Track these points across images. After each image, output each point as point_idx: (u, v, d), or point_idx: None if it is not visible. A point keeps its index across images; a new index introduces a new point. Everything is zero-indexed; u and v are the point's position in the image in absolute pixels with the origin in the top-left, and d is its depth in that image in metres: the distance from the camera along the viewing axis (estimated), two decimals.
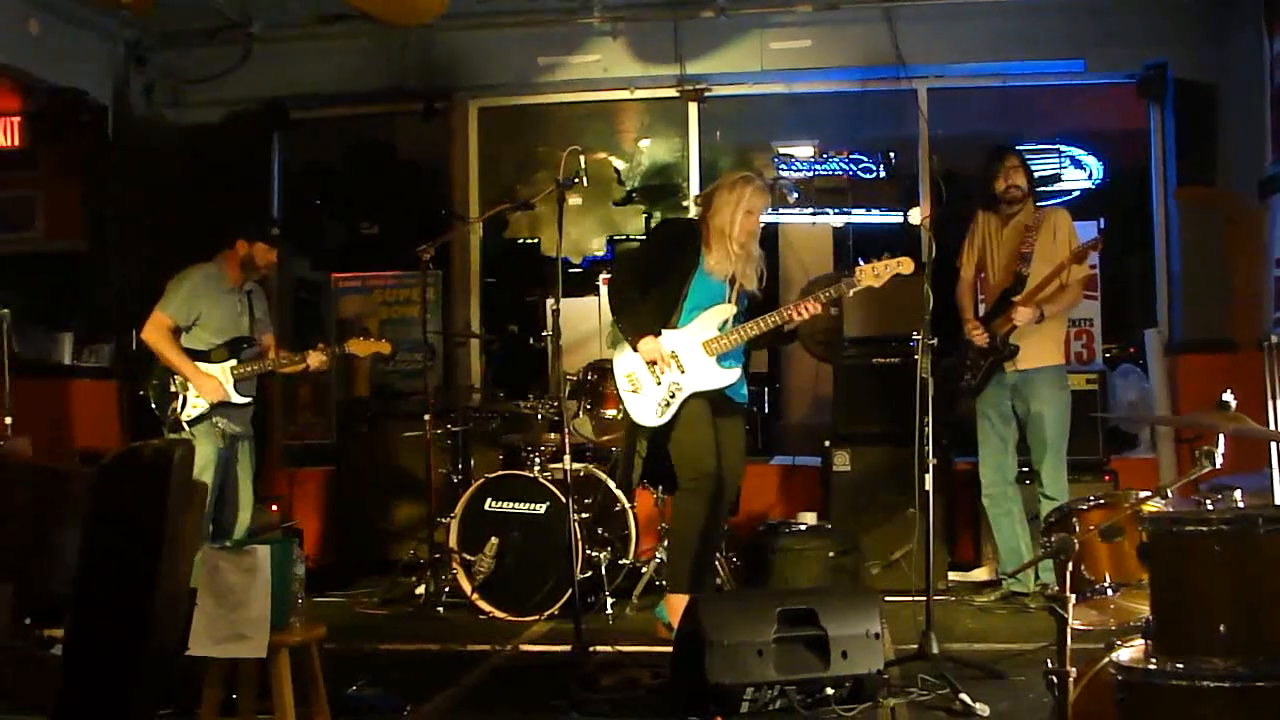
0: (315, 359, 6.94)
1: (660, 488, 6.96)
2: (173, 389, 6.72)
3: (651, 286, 6.29)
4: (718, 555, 7.03)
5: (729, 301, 6.25)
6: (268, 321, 7.18)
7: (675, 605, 6.15)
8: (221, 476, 6.73)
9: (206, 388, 6.69)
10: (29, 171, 9.41)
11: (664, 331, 6.20)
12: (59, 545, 3.20)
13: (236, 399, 6.78)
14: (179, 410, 6.68)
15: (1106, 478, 7.51)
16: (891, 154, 10.42)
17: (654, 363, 6.16)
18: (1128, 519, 3.67)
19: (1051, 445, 6.80)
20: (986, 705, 4.68)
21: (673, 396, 6.16)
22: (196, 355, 6.75)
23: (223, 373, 6.77)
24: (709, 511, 6.18)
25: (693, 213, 7.52)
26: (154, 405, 6.76)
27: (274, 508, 8.11)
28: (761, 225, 6.35)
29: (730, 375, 6.21)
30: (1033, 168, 7.22)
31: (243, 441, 6.89)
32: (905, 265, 5.99)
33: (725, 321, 6.21)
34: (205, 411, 6.70)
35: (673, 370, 6.16)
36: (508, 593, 6.81)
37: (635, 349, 6.20)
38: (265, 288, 7.33)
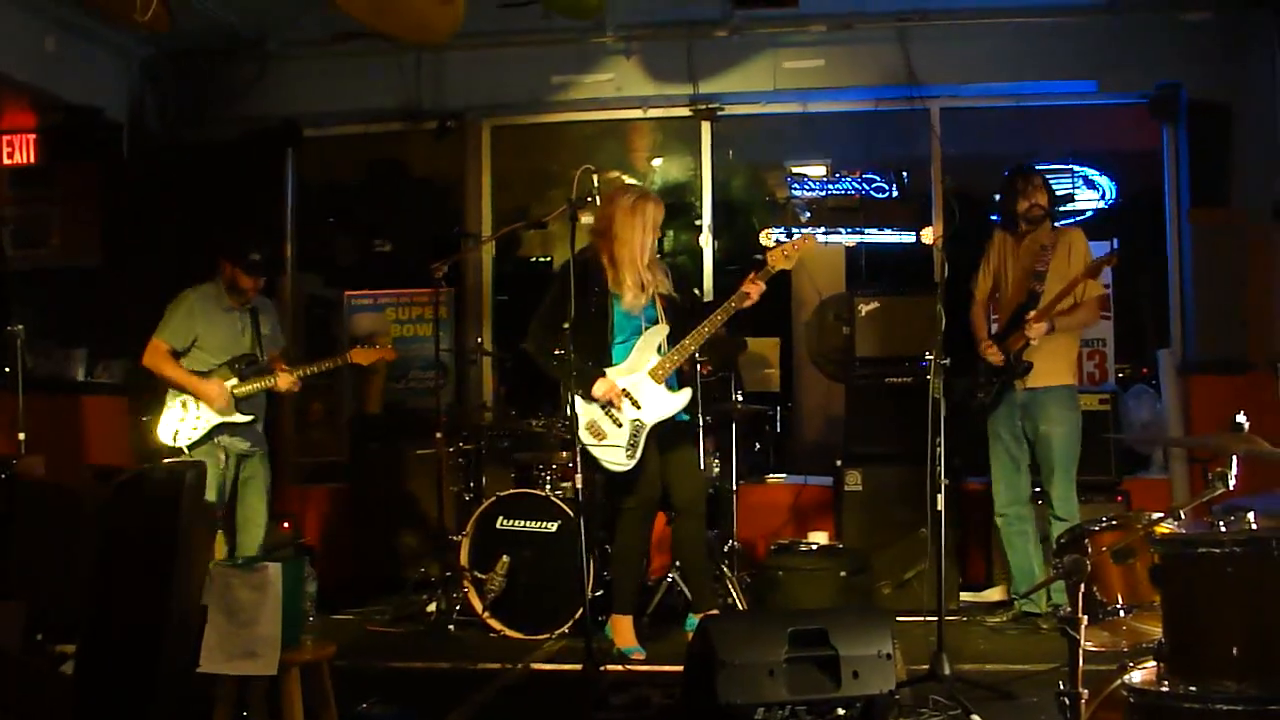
0: (284, 381, 6.84)
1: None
2: (174, 412, 6.69)
3: (574, 333, 5.91)
4: (728, 574, 7.05)
5: (659, 321, 6.25)
6: (277, 337, 7.15)
7: (619, 625, 6.29)
8: (230, 495, 6.73)
9: (213, 394, 6.66)
10: (45, 189, 9.43)
11: (606, 372, 6.20)
12: (71, 563, 3.21)
13: (239, 418, 6.74)
14: (180, 435, 6.64)
15: (1119, 498, 7.49)
16: (904, 174, 10.42)
17: (610, 405, 6.16)
18: (1140, 540, 3.66)
19: (1060, 466, 6.78)
20: None
21: (637, 434, 6.18)
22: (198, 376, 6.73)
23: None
24: (648, 534, 6.44)
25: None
26: (157, 430, 6.72)
27: (286, 525, 8.12)
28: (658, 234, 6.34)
29: (682, 398, 6.27)
30: None
31: (253, 458, 6.86)
32: (809, 240, 6.17)
33: (661, 344, 6.23)
34: (206, 435, 6.66)
35: (629, 407, 6.17)
36: (519, 611, 6.80)
37: (588, 398, 6.15)
38: (281, 304, 7.29)
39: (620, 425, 6.18)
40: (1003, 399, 6.89)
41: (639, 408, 6.17)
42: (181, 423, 6.67)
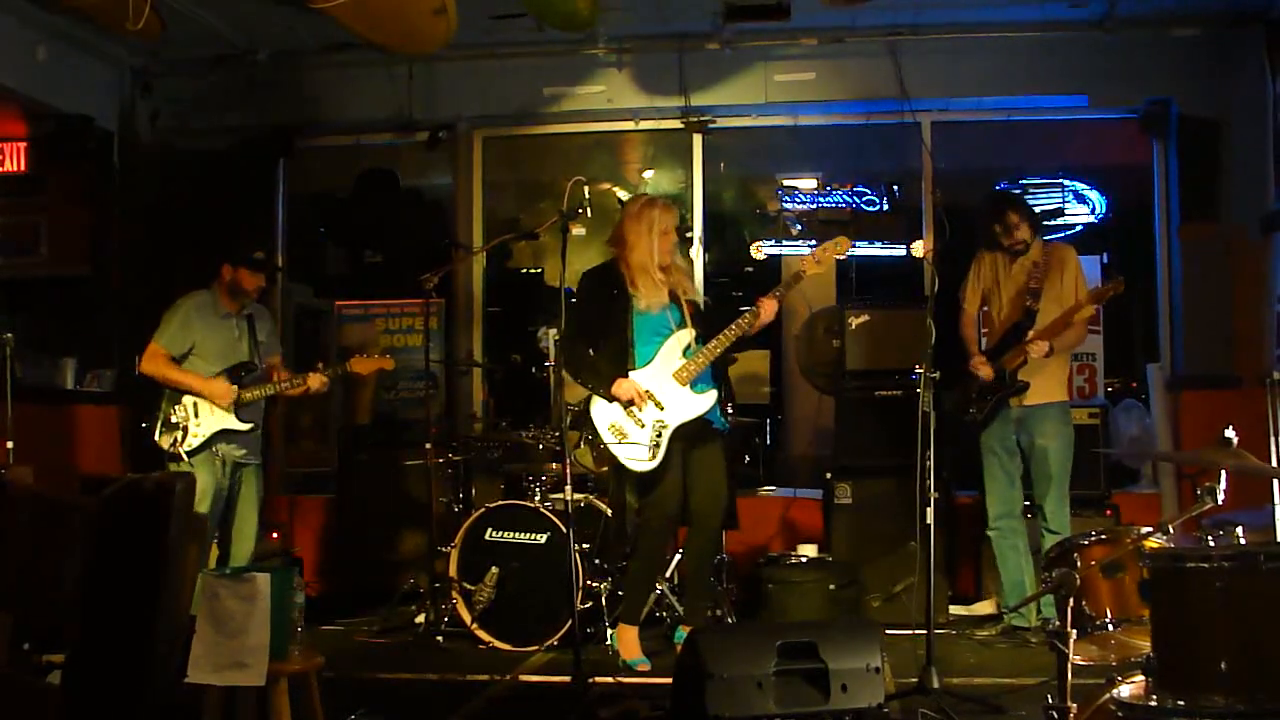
0: (315, 380, 6.89)
1: None
2: (174, 419, 6.66)
3: (598, 339, 6.29)
4: (719, 587, 7.04)
5: (684, 325, 6.25)
6: (274, 343, 7.14)
7: (625, 636, 6.29)
8: (223, 506, 6.71)
9: (219, 392, 6.65)
10: (35, 197, 9.44)
11: (629, 374, 6.20)
12: (59, 574, 3.19)
13: (239, 425, 6.74)
14: (180, 442, 6.62)
15: (1108, 513, 7.49)
16: (895, 187, 10.41)
17: (631, 403, 6.15)
18: (1129, 555, 3.65)
19: (1055, 480, 6.79)
20: None
21: (660, 435, 6.15)
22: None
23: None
24: (665, 546, 6.59)
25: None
26: (156, 437, 6.70)
27: (275, 535, 8.10)
28: (676, 238, 6.37)
29: (708, 399, 6.21)
30: (1036, 202, 7.20)
31: (248, 468, 6.84)
32: (842, 244, 6.12)
33: (687, 346, 6.21)
34: (206, 441, 6.65)
35: (651, 408, 6.16)
36: (507, 623, 6.78)
37: (609, 398, 6.17)
38: (271, 314, 7.30)
39: (643, 426, 6.16)
40: (996, 415, 6.90)
41: (662, 408, 6.16)
42: (181, 430, 6.65)
